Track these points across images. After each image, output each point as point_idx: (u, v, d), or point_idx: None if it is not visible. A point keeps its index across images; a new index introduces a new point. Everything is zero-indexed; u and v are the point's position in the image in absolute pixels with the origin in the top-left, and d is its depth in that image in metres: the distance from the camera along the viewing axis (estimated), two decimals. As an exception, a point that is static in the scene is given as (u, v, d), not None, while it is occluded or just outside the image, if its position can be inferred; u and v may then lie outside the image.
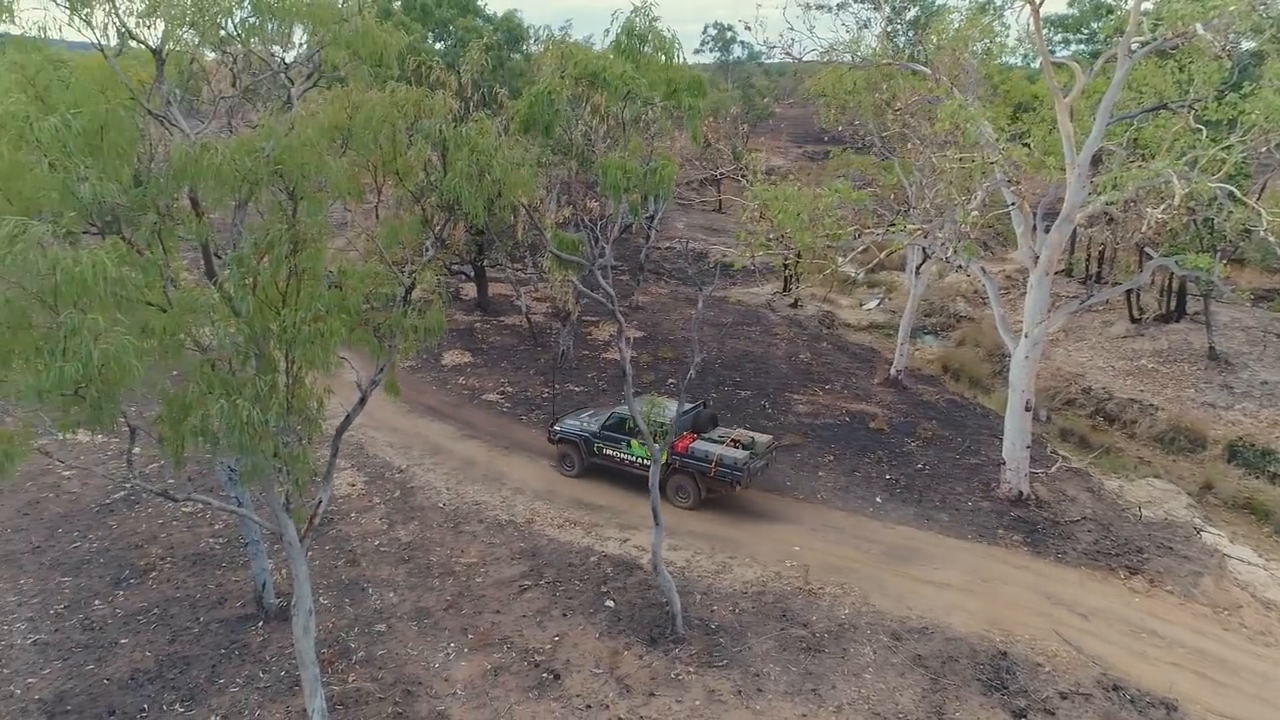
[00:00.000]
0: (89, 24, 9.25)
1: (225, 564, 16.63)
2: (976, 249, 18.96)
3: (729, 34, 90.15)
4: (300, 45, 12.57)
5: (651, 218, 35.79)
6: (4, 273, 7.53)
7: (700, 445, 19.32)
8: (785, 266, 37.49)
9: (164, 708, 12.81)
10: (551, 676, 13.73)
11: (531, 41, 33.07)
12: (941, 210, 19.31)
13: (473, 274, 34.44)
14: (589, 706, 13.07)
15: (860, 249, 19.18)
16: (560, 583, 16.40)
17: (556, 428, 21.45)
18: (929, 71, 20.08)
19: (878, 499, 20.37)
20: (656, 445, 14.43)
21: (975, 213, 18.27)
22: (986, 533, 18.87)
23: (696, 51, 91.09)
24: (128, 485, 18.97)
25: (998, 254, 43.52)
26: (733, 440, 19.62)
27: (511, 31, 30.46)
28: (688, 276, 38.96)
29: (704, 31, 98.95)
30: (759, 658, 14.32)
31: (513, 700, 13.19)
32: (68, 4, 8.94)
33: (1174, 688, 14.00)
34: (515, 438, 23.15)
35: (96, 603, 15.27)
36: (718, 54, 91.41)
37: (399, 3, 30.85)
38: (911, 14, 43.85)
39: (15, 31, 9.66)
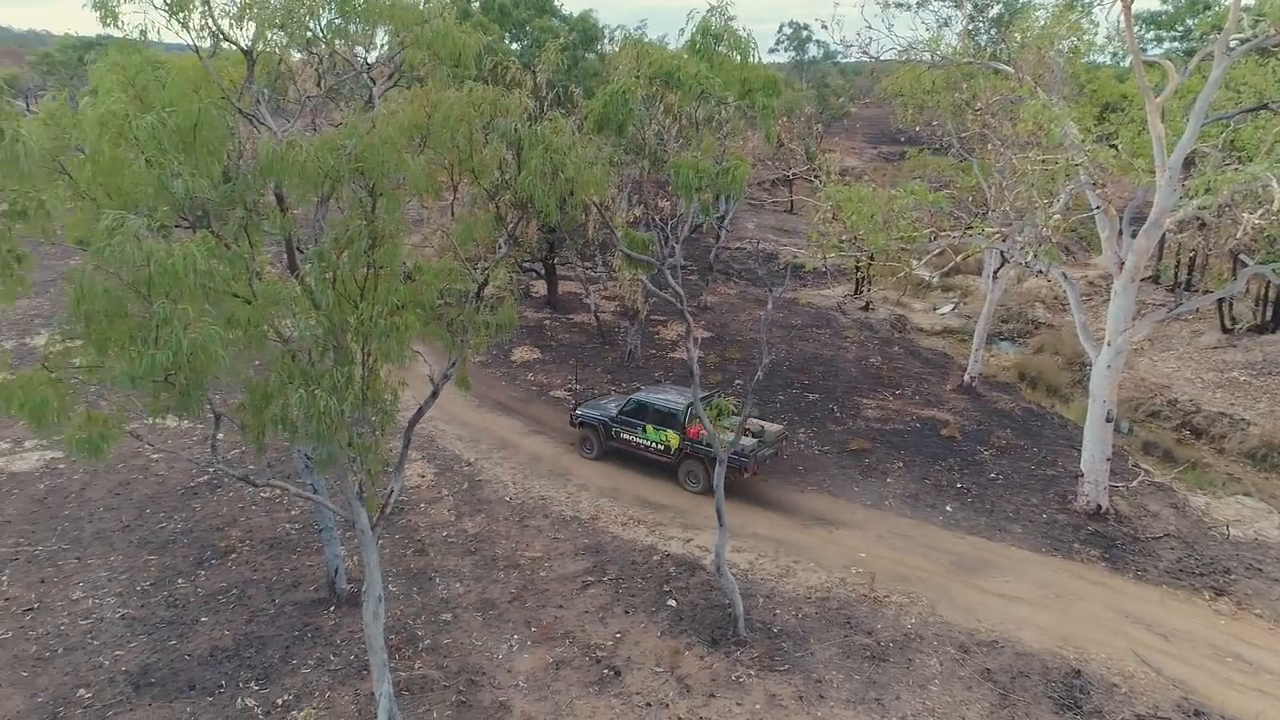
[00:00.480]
0: (186, 26, 9.65)
1: (300, 549, 17.15)
2: (1058, 253, 18.34)
3: (804, 33, 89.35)
4: (381, 46, 12.90)
5: (722, 218, 35.67)
6: (103, 263, 7.91)
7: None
8: (857, 269, 36.94)
9: (240, 685, 13.28)
10: (612, 673, 13.80)
11: (605, 41, 33.24)
12: (1022, 213, 18.74)
13: (543, 272, 34.82)
14: (649, 705, 13.09)
15: (936, 252, 18.73)
16: (623, 580, 16.47)
17: (577, 412, 22.41)
18: (1011, 71, 19.51)
19: (948, 508, 19.92)
20: (723, 448, 14.34)
21: (1058, 216, 17.67)
22: (1061, 546, 18.28)
23: (771, 51, 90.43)
24: (210, 469, 19.76)
25: (1079, 259, 42.11)
26: (743, 430, 19.84)
27: (586, 31, 30.65)
28: (757, 277, 38.70)
29: (779, 30, 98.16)
30: (821, 664, 14.15)
31: (573, 695, 13.30)
32: (167, 8, 9.33)
33: (1261, 716, 13.35)
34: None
35: (180, 581, 15.92)
36: (792, 53, 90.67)
37: (477, 3, 31.34)
38: (994, 11, 42.79)
39: (117, 34, 10.13)
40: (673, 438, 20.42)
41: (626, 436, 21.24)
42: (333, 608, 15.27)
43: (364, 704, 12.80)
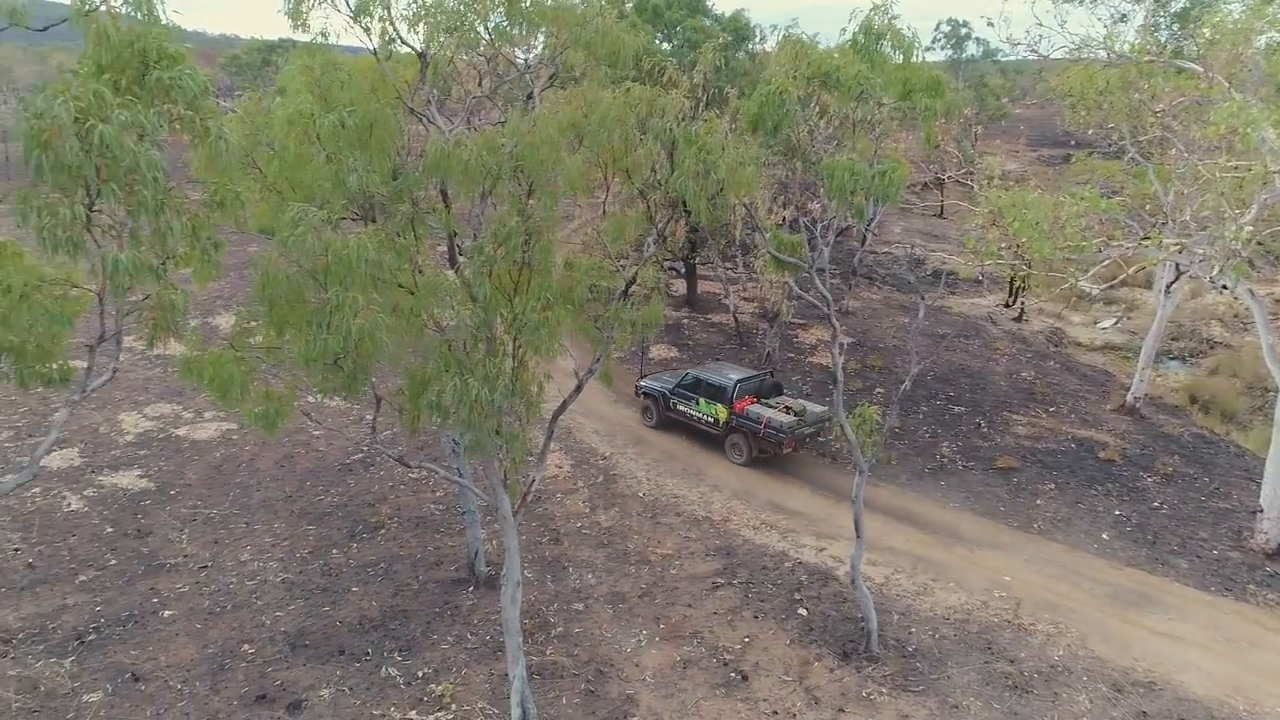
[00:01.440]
0: (366, 30, 10.23)
1: (443, 529, 17.92)
2: (1246, 268, 16.83)
3: (963, 30, 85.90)
4: (538, 47, 13.26)
5: (869, 221, 34.78)
6: (286, 252, 8.50)
7: (755, 409, 21.52)
8: (1014, 279, 35.16)
9: (384, 654, 13.99)
10: (739, 677, 13.71)
11: (756, 40, 33.02)
12: (1205, 224, 17.27)
13: (683, 271, 34.96)
14: (775, 713, 12.93)
15: (1105, 263, 17.53)
16: (753, 584, 16.33)
17: (641, 384, 24.13)
18: (1198, 69, 18.05)
19: (1104, 535, 18.69)
20: (864, 457, 13.96)
21: (1249, 228, 16.19)
22: (1234, 586, 16.81)
23: (927, 49, 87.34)
24: (365, 447, 20.95)
25: (1266, 274, 38.52)
26: (785, 407, 21.64)
27: (738, 31, 30.56)
28: (905, 283, 37.51)
29: (936, 28, 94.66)
30: (959, 689, 13.57)
31: (699, 695, 13.29)
32: (351, 13, 9.93)
33: None
34: (715, 435, 23.32)
35: (334, 551, 16.94)
36: (949, 51, 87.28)
37: (630, 4, 31.74)
38: (1177, 5, 39.71)
39: (301, 38, 10.87)
40: (721, 411, 21.90)
41: (682, 408, 22.88)
42: (471, 588, 15.86)
43: (497, 684, 13.24)
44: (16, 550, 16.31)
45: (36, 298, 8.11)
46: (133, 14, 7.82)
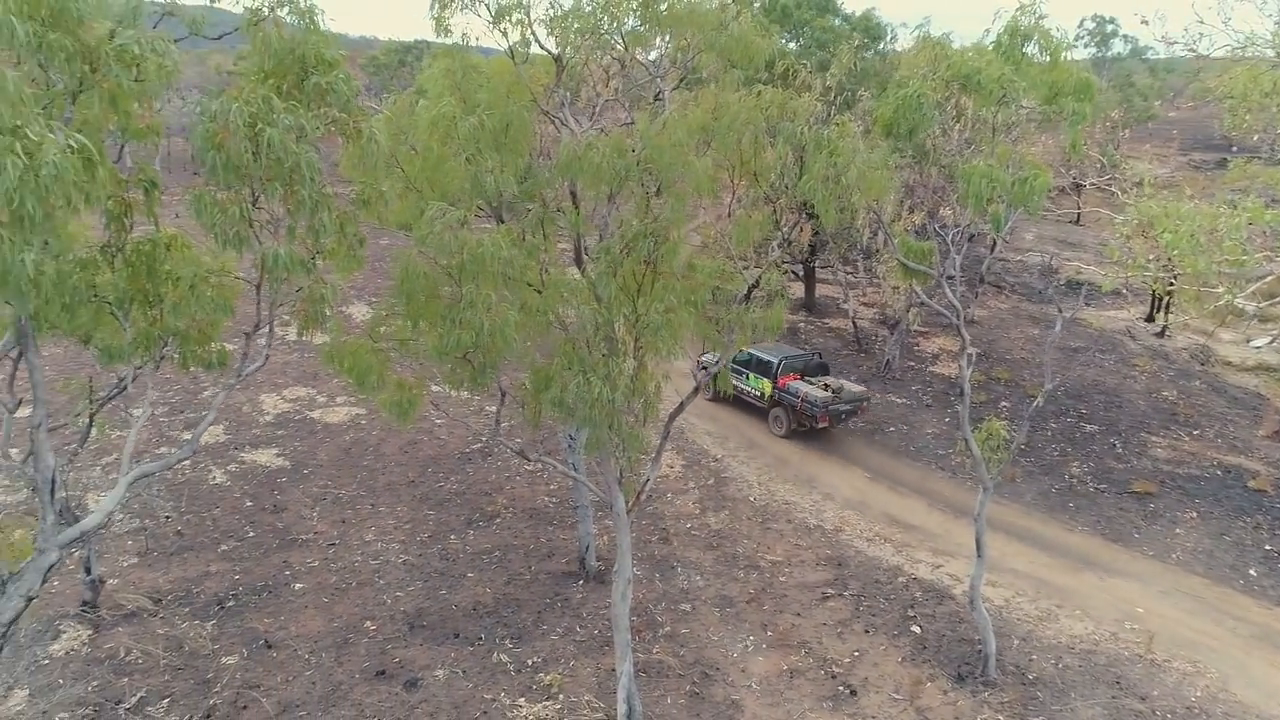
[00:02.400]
0: (504, 34, 10.52)
1: (556, 522, 18.27)
2: None
3: (1109, 27, 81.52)
4: (664, 47, 13.30)
5: (1003, 228, 33.44)
6: (425, 249, 8.86)
7: (795, 384, 23.17)
8: (1162, 293, 33.02)
9: (496, 640, 14.38)
10: (848, 691, 13.45)
11: (888, 39, 32.24)
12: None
13: (801, 274, 34.48)
14: (885, 731, 12.63)
15: (1265, 279, 16.28)
16: (865, 598, 15.98)
17: (702, 359, 25.62)
18: (1384, 70, 16.50)
19: (1251, 571, 17.39)
20: (989, 474, 13.44)
21: None
22: (1403, 637, 15.35)
23: (1069, 47, 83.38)
24: (485, 438, 21.58)
25: None
26: (825, 385, 23.10)
27: (870, 31, 29.90)
28: (1037, 293, 35.88)
29: (1079, 25, 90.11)
30: (1083, 723, 12.91)
31: (806, 706, 13.10)
32: (491, 17, 10.24)
33: None
34: (828, 442, 22.95)
35: (452, 537, 17.53)
36: (1093, 49, 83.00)
37: (758, 4, 31.48)
38: (1359, -1, 36.38)
39: (440, 40, 11.26)
40: (766, 385, 23.61)
41: (735, 382, 23.99)
42: (581, 581, 16.11)
43: (604, 678, 13.41)
44: (168, 518, 17.59)
45: (202, 287, 8.73)
46: (296, 22, 8.31)
